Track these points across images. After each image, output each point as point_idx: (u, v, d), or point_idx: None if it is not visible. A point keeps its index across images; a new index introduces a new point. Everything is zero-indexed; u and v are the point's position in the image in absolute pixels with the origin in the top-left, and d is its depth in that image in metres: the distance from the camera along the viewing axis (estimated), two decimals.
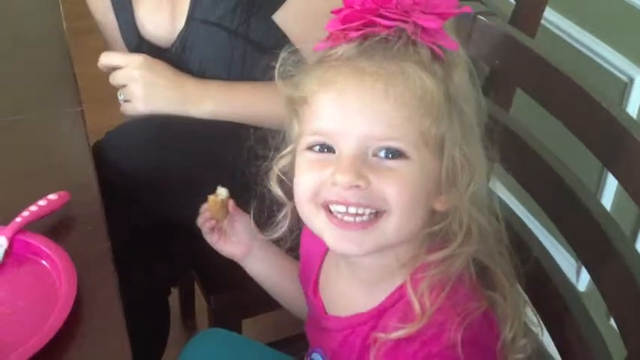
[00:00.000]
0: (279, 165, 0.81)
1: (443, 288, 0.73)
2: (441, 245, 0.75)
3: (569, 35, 1.61)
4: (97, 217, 0.90)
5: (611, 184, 1.51)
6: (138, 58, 1.16)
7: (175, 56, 1.21)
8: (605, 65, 1.53)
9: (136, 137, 1.11)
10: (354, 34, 0.71)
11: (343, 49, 0.72)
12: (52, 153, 1.03)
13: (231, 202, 0.92)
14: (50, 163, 1.01)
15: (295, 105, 0.77)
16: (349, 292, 0.82)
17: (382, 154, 0.71)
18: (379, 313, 0.77)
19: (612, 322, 0.78)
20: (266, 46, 1.14)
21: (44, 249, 0.83)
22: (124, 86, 1.16)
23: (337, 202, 0.72)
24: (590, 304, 0.86)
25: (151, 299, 1.21)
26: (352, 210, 0.72)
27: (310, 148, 0.74)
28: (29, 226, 0.86)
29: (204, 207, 0.93)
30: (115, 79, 1.17)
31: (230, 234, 0.94)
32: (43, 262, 0.83)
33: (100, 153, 1.07)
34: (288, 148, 0.80)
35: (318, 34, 0.75)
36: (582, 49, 1.58)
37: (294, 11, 1.14)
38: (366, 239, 0.73)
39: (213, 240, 0.94)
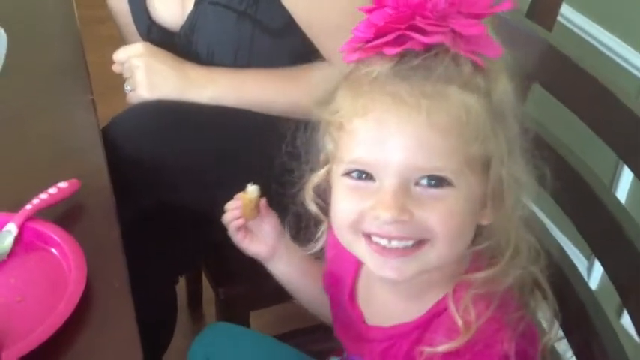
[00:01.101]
0: (312, 183, 0.79)
1: (491, 300, 0.70)
2: (488, 261, 0.73)
3: (585, 31, 1.60)
4: (108, 205, 0.90)
5: (626, 178, 1.50)
6: (138, 47, 1.16)
7: (184, 39, 1.20)
8: (621, 62, 1.52)
9: (141, 122, 1.10)
10: (391, 52, 0.66)
11: (378, 69, 0.67)
12: (63, 141, 1.03)
13: (262, 202, 0.89)
14: (61, 151, 1.00)
15: (330, 127, 0.73)
16: (391, 303, 0.79)
17: (425, 182, 0.67)
18: (424, 324, 0.74)
19: (622, 320, 0.77)
20: (274, 28, 1.13)
21: (54, 237, 0.82)
22: (130, 77, 1.16)
23: (379, 235, 0.70)
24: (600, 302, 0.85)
25: (159, 287, 1.20)
26: (395, 243, 0.69)
27: (348, 174, 0.71)
28: (39, 214, 0.85)
29: (233, 204, 0.90)
30: (124, 71, 1.17)
31: (256, 233, 0.91)
32: (53, 249, 0.82)
33: (105, 138, 1.06)
34: (324, 170, 0.77)
35: (321, 15, 0.71)
36: (598, 45, 1.57)
37: None
38: (407, 267, 0.70)
39: (238, 238, 0.91)
